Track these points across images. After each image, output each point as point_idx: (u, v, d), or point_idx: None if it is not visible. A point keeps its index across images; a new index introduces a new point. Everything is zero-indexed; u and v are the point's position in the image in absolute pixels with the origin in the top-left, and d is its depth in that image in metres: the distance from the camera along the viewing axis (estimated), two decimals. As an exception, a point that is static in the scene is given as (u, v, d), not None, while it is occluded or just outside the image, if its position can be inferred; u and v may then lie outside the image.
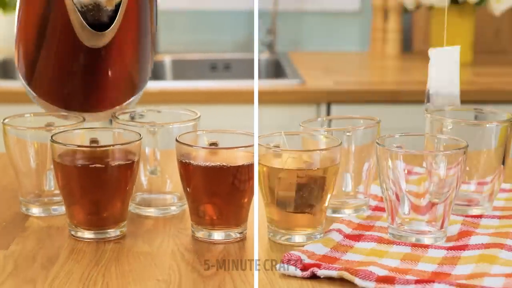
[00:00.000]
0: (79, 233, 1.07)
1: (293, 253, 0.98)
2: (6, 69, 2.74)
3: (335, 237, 1.05)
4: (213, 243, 1.06)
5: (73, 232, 1.08)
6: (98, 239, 1.07)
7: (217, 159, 1.05)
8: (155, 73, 2.24)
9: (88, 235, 1.07)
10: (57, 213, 1.16)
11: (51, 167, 1.11)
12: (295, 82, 2.45)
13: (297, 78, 2.48)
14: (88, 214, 1.06)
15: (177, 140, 1.07)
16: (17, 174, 1.16)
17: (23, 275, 0.97)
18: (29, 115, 1.20)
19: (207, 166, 1.04)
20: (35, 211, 1.16)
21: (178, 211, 1.18)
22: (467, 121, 1.16)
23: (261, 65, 2.85)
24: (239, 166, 1.04)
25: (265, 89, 2.39)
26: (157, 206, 1.17)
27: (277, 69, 2.82)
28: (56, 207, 1.16)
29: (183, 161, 1.06)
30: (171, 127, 1.15)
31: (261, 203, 1.07)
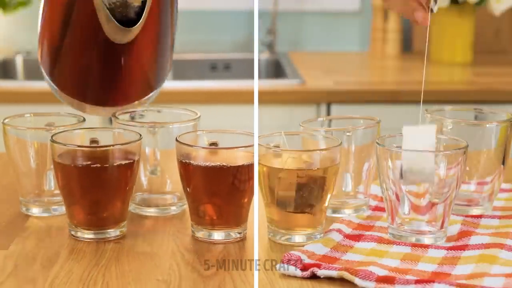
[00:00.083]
0: (79, 233, 1.07)
1: (293, 253, 0.98)
2: (6, 69, 2.74)
3: (335, 237, 1.05)
4: (213, 243, 1.06)
5: (73, 232, 1.08)
6: (98, 239, 1.07)
7: (217, 159, 1.05)
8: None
9: (88, 235, 1.07)
10: (57, 213, 1.16)
11: (51, 167, 1.11)
12: (295, 82, 2.45)
13: (297, 78, 2.48)
14: (88, 214, 1.06)
15: (177, 140, 1.07)
16: (17, 174, 1.16)
17: (23, 275, 0.97)
18: (29, 115, 1.20)
19: (207, 166, 1.04)
20: (35, 211, 1.16)
21: (178, 211, 1.18)
22: (467, 121, 1.16)
23: (261, 65, 2.85)
24: (239, 166, 1.04)
25: (265, 89, 2.39)
26: (157, 206, 1.17)
27: (277, 69, 2.82)
28: (56, 207, 1.16)
29: (183, 161, 1.06)
30: (171, 127, 1.15)
31: (261, 203, 1.07)
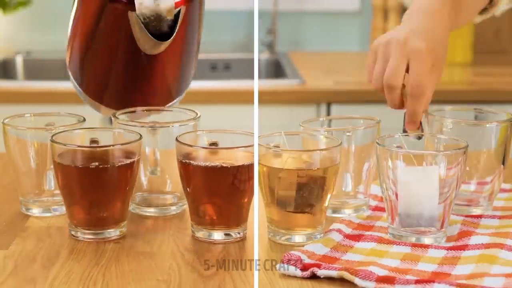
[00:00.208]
0: (79, 233, 1.07)
1: (293, 253, 0.98)
2: (6, 69, 2.74)
3: (335, 237, 1.05)
4: (213, 243, 1.06)
5: (73, 232, 1.08)
6: (98, 239, 1.06)
7: (217, 159, 1.05)
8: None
9: (88, 235, 1.07)
10: (57, 213, 1.16)
11: (51, 167, 1.11)
12: (295, 82, 2.45)
13: (297, 78, 2.48)
14: (88, 214, 1.06)
15: (177, 140, 1.07)
16: (17, 174, 1.16)
17: (23, 275, 0.97)
18: (29, 115, 1.20)
19: (207, 166, 1.04)
20: (35, 211, 1.16)
21: (178, 211, 1.18)
22: (467, 121, 1.16)
23: (261, 65, 2.85)
24: (239, 166, 1.04)
25: (265, 89, 2.39)
26: (157, 206, 1.17)
27: (277, 69, 2.82)
28: (56, 207, 1.16)
29: (183, 161, 1.06)
30: (171, 127, 1.15)
31: (261, 203, 1.07)
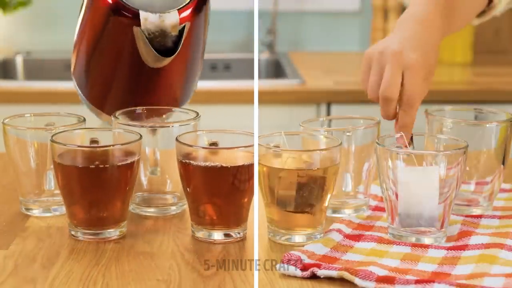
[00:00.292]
0: (79, 233, 1.07)
1: (293, 253, 0.98)
2: (6, 69, 2.74)
3: (335, 237, 1.05)
4: (213, 243, 1.06)
5: (73, 232, 1.08)
6: (98, 239, 1.06)
7: (217, 159, 1.05)
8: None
9: (88, 235, 1.07)
10: (57, 213, 1.16)
11: (51, 167, 1.11)
12: (295, 82, 2.45)
13: (297, 78, 2.48)
14: (88, 214, 1.06)
15: (177, 140, 1.07)
16: (17, 174, 1.16)
17: (23, 275, 0.97)
18: (29, 115, 1.20)
19: (207, 166, 1.04)
20: (35, 211, 1.16)
21: (178, 211, 1.18)
22: (467, 121, 1.16)
23: (261, 65, 2.85)
24: (239, 166, 1.04)
25: (265, 89, 2.39)
26: (157, 206, 1.17)
27: (277, 69, 2.82)
28: (56, 207, 1.16)
29: (183, 161, 1.06)
30: (171, 127, 1.15)
31: (261, 203, 1.07)
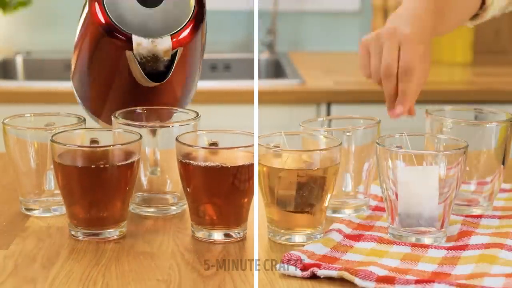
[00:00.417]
0: (79, 233, 1.07)
1: (293, 253, 0.98)
2: (6, 69, 2.74)
3: (335, 237, 1.05)
4: (213, 243, 1.06)
5: (73, 232, 1.08)
6: (98, 239, 1.06)
7: (217, 159, 1.05)
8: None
9: (88, 235, 1.07)
10: (57, 213, 1.16)
11: (51, 167, 1.11)
12: (295, 82, 2.45)
13: (297, 78, 2.48)
14: (88, 214, 1.06)
15: (177, 140, 1.07)
16: (17, 174, 1.16)
17: (23, 275, 0.97)
18: (29, 115, 1.19)
19: (207, 166, 1.04)
20: (35, 211, 1.16)
21: (178, 211, 1.18)
22: (467, 121, 1.16)
23: (261, 65, 2.85)
24: (239, 166, 1.04)
25: (265, 89, 2.39)
26: (157, 206, 1.17)
27: (277, 69, 2.82)
28: (56, 207, 1.16)
29: (183, 161, 1.06)
30: (171, 127, 1.15)
31: (261, 203, 1.07)
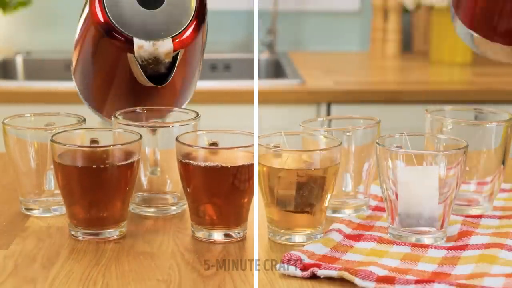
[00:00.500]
0: (79, 233, 1.07)
1: (293, 253, 0.98)
2: (6, 69, 2.74)
3: (335, 237, 1.05)
4: (213, 243, 1.06)
5: (73, 232, 1.08)
6: (98, 239, 1.06)
7: (217, 159, 1.05)
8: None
9: (88, 235, 1.07)
10: (57, 213, 1.16)
11: (51, 167, 1.11)
12: (295, 82, 2.45)
13: (297, 78, 2.48)
14: (88, 214, 1.06)
15: (177, 140, 1.07)
16: (17, 174, 1.16)
17: (23, 275, 0.97)
18: (29, 115, 1.19)
19: (207, 166, 1.04)
20: (35, 211, 1.16)
21: (178, 211, 1.18)
22: (467, 121, 1.16)
23: (261, 65, 2.85)
24: (239, 166, 1.04)
25: (265, 89, 2.39)
26: (157, 206, 1.17)
27: (277, 69, 2.82)
28: (56, 207, 1.16)
29: (183, 161, 1.06)
30: (171, 127, 1.15)
31: (261, 203, 1.07)
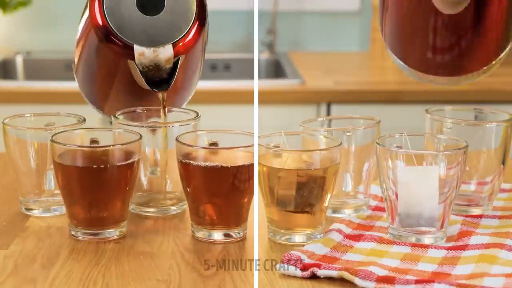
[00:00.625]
0: (79, 233, 1.07)
1: (293, 253, 0.98)
2: (6, 69, 2.74)
3: (335, 237, 1.05)
4: (213, 243, 1.06)
5: (73, 232, 1.08)
6: (98, 239, 1.06)
7: (217, 159, 1.05)
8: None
9: (88, 235, 1.07)
10: (57, 213, 1.16)
11: (51, 167, 1.11)
12: (295, 82, 2.45)
13: (297, 78, 2.48)
14: (88, 214, 1.06)
15: (177, 140, 1.07)
16: (17, 174, 1.16)
17: (23, 275, 0.97)
18: (29, 115, 1.19)
19: (207, 166, 1.04)
20: (35, 211, 1.16)
21: (178, 211, 1.18)
22: (467, 121, 1.16)
23: (261, 65, 2.85)
24: (239, 166, 1.04)
25: (265, 89, 2.39)
26: (157, 206, 1.17)
27: (277, 69, 2.82)
28: (56, 207, 1.16)
29: (183, 161, 1.06)
30: (171, 127, 1.15)
31: (261, 203, 1.07)
